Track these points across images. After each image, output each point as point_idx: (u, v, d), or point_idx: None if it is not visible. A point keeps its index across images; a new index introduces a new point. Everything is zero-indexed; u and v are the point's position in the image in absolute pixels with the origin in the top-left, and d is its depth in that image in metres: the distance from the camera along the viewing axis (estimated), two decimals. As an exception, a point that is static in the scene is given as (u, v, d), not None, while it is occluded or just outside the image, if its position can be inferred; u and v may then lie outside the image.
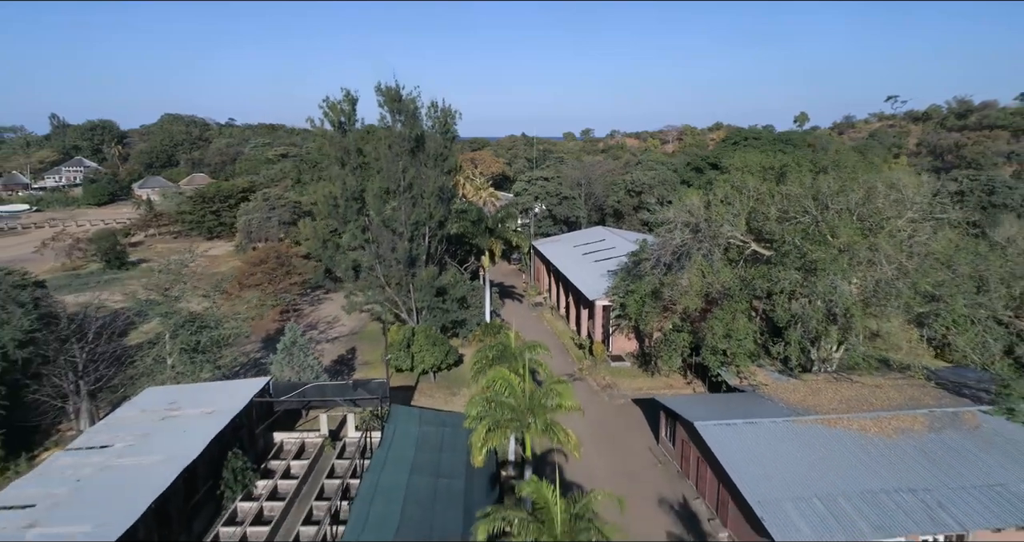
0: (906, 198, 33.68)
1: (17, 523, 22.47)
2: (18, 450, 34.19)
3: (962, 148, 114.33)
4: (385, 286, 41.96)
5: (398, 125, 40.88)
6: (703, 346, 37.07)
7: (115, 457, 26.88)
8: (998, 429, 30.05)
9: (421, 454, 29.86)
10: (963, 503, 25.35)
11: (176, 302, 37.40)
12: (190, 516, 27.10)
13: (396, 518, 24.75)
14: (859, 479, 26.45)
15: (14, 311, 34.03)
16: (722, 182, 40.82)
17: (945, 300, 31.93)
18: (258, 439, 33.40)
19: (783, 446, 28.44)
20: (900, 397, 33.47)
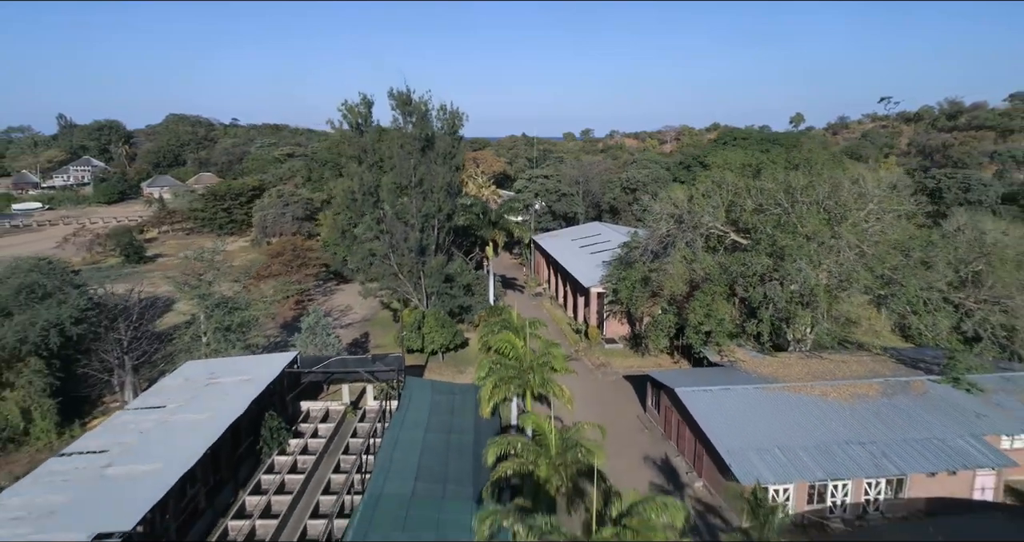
0: (867, 192, 37.89)
1: (96, 463, 26.69)
2: (71, 417, 38.40)
3: (949, 148, 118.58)
4: (398, 273, 46.18)
5: (409, 126, 45.13)
6: (687, 326, 41.26)
7: (169, 414, 31.12)
8: (943, 395, 34.27)
9: (435, 416, 34.06)
10: (904, 453, 29.56)
11: (210, 286, 41.60)
12: (236, 465, 31.32)
13: (415, 465, 28.98)
14: (816, 434, 30.66)
15: (70, 292, 38.29)
16: (704, 178, 45.11)
17: (900, 282, 36.14)
18: (288, 406, 37.59)
19: (752, 408, 32.64)
20: (861, 369, 37.70)
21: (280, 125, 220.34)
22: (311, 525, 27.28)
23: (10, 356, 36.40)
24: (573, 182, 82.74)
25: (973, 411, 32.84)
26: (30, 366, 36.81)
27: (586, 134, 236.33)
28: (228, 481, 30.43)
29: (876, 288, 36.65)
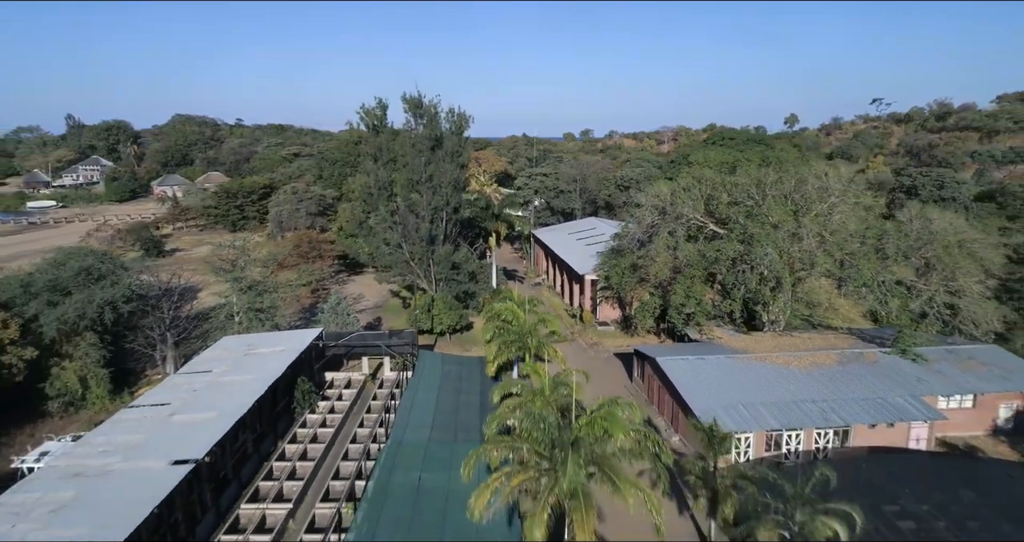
0: (829, 186, 42.98)
1: (162, 413, 31.80)
2: (121, 387, 43.49)
3: (935, 148, 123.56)
4: (409, 260, 51.26)
5: (420, 127, 50.24)
6: (670, 307, 46.35)
7: (217, 377, 36.22)
8: (892, 364, 39.34)
9: (446, 382, 39.16)
10: (850, 408, 34.64)
11: (242, 271, 46.74)
12: (275, 421, 36.43)
13: (430, 419, 34.12)
14: (775, 394, 35.73)
15: (121, 275, 43.43)
16: (685, 174, 50.23)
17: (856, 266, 41.23)
18: (315, 375, 42.65)
19: (722, 374, 37.71)
20: (823, 344, 42.75)
21: (285, 125, 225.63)
22: (343, 466, 32.37)
23: (70, 330, 41.49)
24: (571, 180, 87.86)
25: (915, 376, 37.92)
26: (86, 340, 41.91)
27: (586, 134, 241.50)
28: (269, 433, 35.54)
29: (835, 271, 41.72)
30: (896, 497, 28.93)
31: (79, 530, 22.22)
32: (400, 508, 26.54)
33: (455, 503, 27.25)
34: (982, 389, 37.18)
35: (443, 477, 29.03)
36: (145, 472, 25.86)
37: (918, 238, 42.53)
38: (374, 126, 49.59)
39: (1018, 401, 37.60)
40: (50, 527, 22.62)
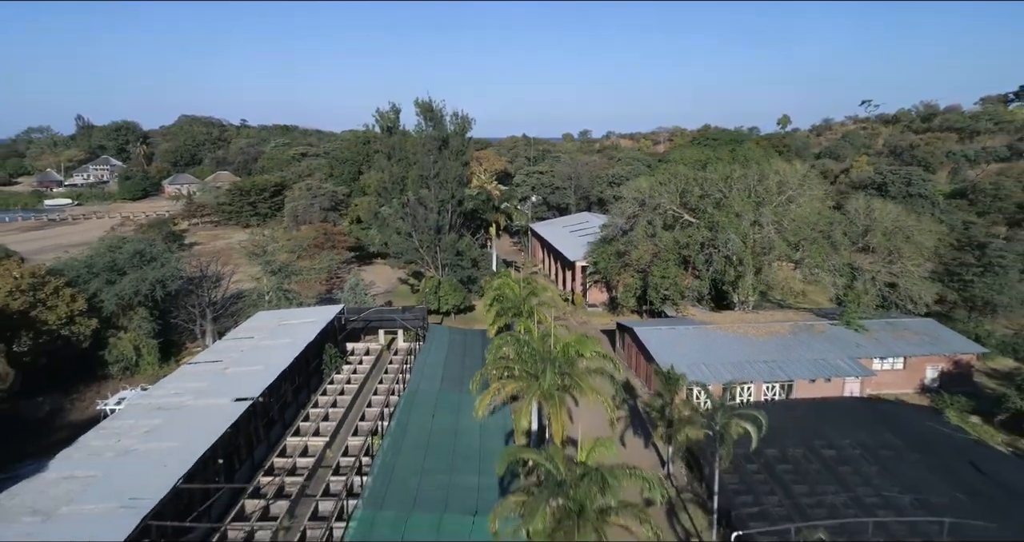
0: (786, 181, 49.66)
1: (217, 367, 38.49)
2: (168, 356, 50.15)
3: (916, 148, 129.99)
4: (418, 248, 57.94)
5: (430, 129, 56.93)
6: (649, 287, 53.01)
7: (258, 342, 42.95)
8: (837, 333, 45.95)
9: (453, 348, 45.89)
10: (794, 367, 41.32)
11: (272, 255, 53.47)
12: (308, 378, 43.13)
13: (440, 374, 40.87)
14: (733, 356, 42.37)
15: (169, 257, 50.15)
16: (662, 170, 56.95)
17: (809, 250, 47.89)
18: (339, 344, 49.31)
19: (688, 340, 44.35)
20: (782, 318, 49.38)
21: (290, 126, 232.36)
22: (367, 412, 39.07)
23: (125, 305, 48.20)
24: (566, 178, 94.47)
25: (855, 343, 44.59)
26: (139, 314, 48.61)
27: (584, 135, 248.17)
28: (304, 387, 42.22)
29: (791, 254, 48.41)
30: (824, 433, 35.57)
31: (170, 444, 28.87)
32: (418, 437, 33.22)
33: (463, 435, 34.04)
34: (911, 353, 43.85)
35: (452, 417, 35.79)
36: (214, 406, 32.54)
37: (862, 225, 49.16)
38: (388, 128, 56.36)
39: (943, 363, 44.23)
40: (148, 443, 29.29)
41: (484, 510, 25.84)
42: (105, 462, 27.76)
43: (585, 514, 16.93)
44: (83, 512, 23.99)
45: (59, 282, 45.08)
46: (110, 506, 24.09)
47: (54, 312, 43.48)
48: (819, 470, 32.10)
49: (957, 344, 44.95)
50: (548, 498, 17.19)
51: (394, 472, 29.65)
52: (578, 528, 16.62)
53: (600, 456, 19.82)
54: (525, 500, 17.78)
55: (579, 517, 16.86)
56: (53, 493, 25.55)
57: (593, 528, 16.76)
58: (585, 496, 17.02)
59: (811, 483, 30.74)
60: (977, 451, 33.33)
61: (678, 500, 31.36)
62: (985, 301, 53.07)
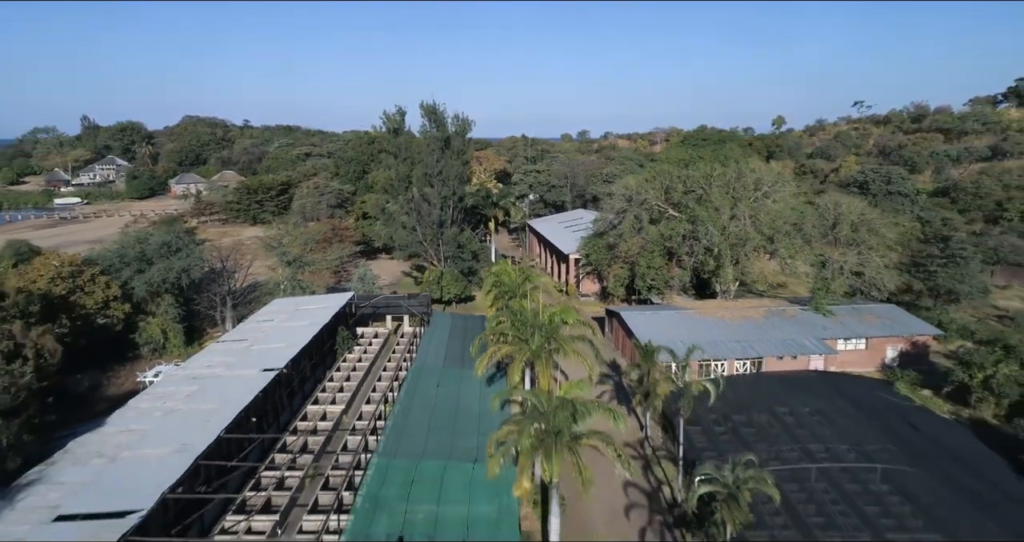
0: (762, 178, 54.20)
1: (243, 345, 43.01)
2: (191, 340, 54.66)
3: (903, 148, 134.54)
4: (422, 241, 62.49)
5: (433, 130, 61.48)
6: (636, 277, 57.53)
7: (278, 324, 47.49)
8: (806, 317, 50.47)
9: (455, 331, 50.39)
10: (764, 345, 45.84)
11: (287, 248, 58.03)
12: (323, 357, 47.66)
13: (444, 352, 45.37)
14: (709, 336, 46.86)
15: (193, 248, 54.70)
16: (648, 169, 61.51)
17: (782, 241, 52.43)
18: (349, 328, 53.85)
19: (669, 323, 48.86)
20: (758, 304, 53.92)
21: (293, 126, 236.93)
22: (378, 385, 43.58)
23: (154, 292, 52.74)
24: (562, 177, 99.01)
25: (822, 326, 49.13)
26: (165, 301, 53.12)
27: (583, 135, 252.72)
28: (320, 364, 46.77)
29: (766, 245, 52.97)
30: (786, 402, 40.10)
31: (209, 405, 33.39)
32: (424, 403, 37.72)
33: (465, 402, 38.55)
34: (873, 334, 48.39)
35: (455, 387, 40.31)
36: (244, 376, 37.08)
37: (831, 219, 53.72)
38: (394, 129, 60.92)
39: (902, 344, 48.75)
40: (189, 404, 33.82)
41: (483, 459, 30.42)
42: (155, 419, 32.31)
43: (561, 435, 21.38)
44: (142, 455, 28.52)
45: (95, 270, 49.66)
46: (165, 451, 28.62)
47: (91, 297, 48.04)
48: (779, 432, 36.62)
49: (915, 327, 49.50)
50: (532, 422, 21.64)
51: (404, 431, 34.16)
52: (555, 446, 21.06)
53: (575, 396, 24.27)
54: (515, 427, 22.25)
55: (556, 437, 21.29)
56: (114, 442, 30.09)
57: (568, 447, 21.21)
58: (561, 421, 21.47)
59: (771, 442, 35.25)
60: (917, 415, 37.90)
61: (653, 457, 35.92)
62: (948, 290, 57.55)
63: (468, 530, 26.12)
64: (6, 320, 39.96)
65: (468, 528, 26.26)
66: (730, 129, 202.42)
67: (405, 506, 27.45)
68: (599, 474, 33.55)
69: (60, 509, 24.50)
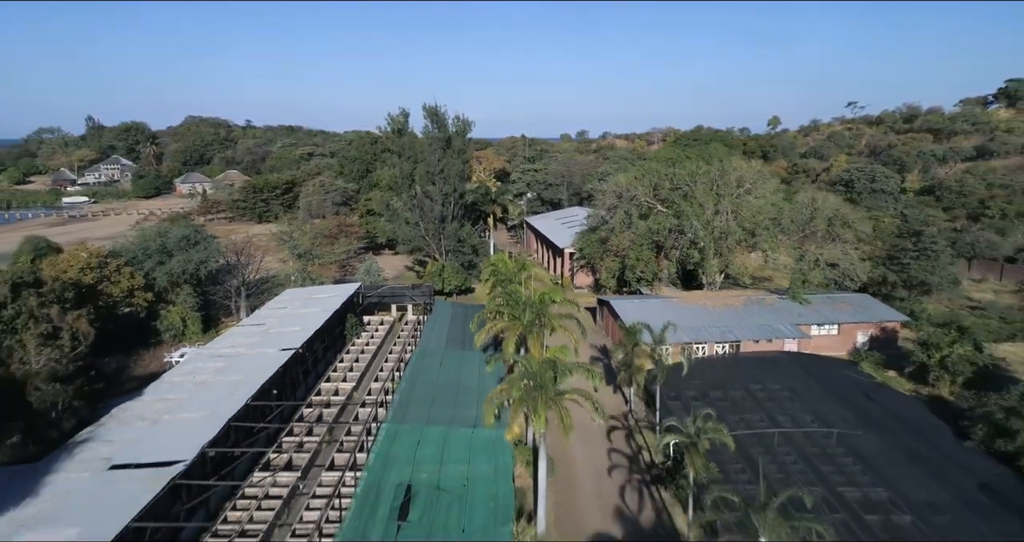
0: (744, 176, 58.05)
1: (262, 329, 46.86)
2: (208, 327, 58.49)
3: (893, 148, 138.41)
4: (425, 235, 66.34)
5: (435, 131, 65.36)
6: (626, 269, 61.35)
7: (292, 311, 51.33)
8: (783, 305, 54.29)
9: (456, 318, 54.26)
10: (742, 330, 49.67)
11: (297, 241, 61.89)
12: (334, 341, 51.50)
13: (445, 336, 49.26)
14: (691, 322, 50.66)
15: (211, 241, 58.56)
16: (638, 167, 65.40)
17: (762, 234, 56.29)
18: (357, 316, 57.70)
19: (655, 309, 52.64)
20: (739, 294, 57.74)
21: (295, 127, 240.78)
22: (385, 365, 47.43)
23: (174, 282, 56.56)
24: (559, 175, 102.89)
25: (798, 312, 52.97)
26: (184, 290, 56.95)
27: (582, 135, 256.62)
28: (331, 347, 50.63)
29: (747, 239, 56.83)
30: (760, 380, 43.92)
31: (235, 377, 37.20)
32: (428, 379, 41.58)
33: (465, 379, 42.40)
34: (845, 320, 52.21)
35: (456, 367, 44.18)
36: (265, 354, 40.92)
37: (808, 214, 57.59)
38: (398, 130, 64.81)
39: (872, 329, 52.56)
40: (217, 377, 37.64)
41: (482, 425, 34.31)
42: (187, 390, 36.17)
43: (546, 390, 25.16)
44: (180, 418, 32.38)
45: (120, 262, 53.51)
46: (200, 415, 32.47)
47: (117, 286, 51.88)
48: (751, 405, 40.47)
49: (885, 314, 53.34)
50: (521, 380, 25.42)
51: (410, 403, 38.03)
52: (541, 398, 24.83)
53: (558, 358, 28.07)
54: (507, 385, 26.06)
55: (542, 391, 25.06)
56: (153, 408, 33.95)
57: (551, 399, 24.99)
58: (546, 379, 25.25)
59: (743, 413, 39.09)
60: (876, 390, 41.79)
61: (636, 427, 39.76)
62: (920, 281, 61.36)
63: (468, 482, 29.97)
64: (45, 305, 43.82)
65: (468, 481, 30.12)
66: (727, 129, 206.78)
67: (412, 463, 31.32)
68: (586, 441, 37.57)
69: (113, 460, 28.34)
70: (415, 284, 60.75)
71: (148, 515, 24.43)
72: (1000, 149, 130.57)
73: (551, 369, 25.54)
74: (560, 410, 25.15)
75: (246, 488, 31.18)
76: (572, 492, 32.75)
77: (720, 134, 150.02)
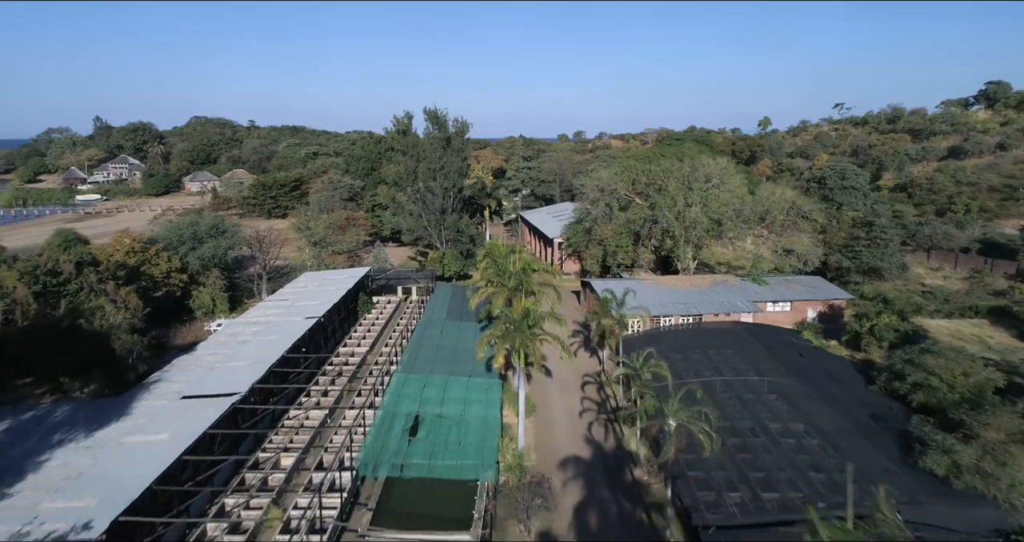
0: (711, 172, 65.92)
1: (286, 302, 54.73)
2: (234, 306, 66.30)
3: (873, 148, 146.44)
4: (427, 226, 74.23)
5: (436, 131, 73.28)
6: (608, 256, 69.19)
7: (311, 290, 59.21)
8: (744, 285, 62.11)
9: (455, 297, 62.10)
10: (704, 305, 57.50)
11: (313, 230, 69.78)
12: (347, 316, 59.38)
13: (446, 312, 57.11)
14: (661, 298, 58.47)
15: (237, 230, 66.45)
16: (617, 165, 73.30)
17: (727, 224, 64.15)
18: (367, 296, 65.55)
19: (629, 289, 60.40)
20: (708, 277, 65.54)
21: (298, 127, 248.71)
22: (393, 335, 55.27)
23: (204, 266, 64.39)
24: (552, 173, 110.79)
25: (755, 291, 60.82)
26: (213, 274, 64.78)
27: (578, 135, 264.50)
28: (345, 321, 58.49)
29: (714, 228, 64.68)
30: (714, 345, 51.71)
31: (271, 338, 44.99)
32: (431, 344, 49.38)
33: (462, 345, 50.16)
34: (796, 298, 60.06)
35: (455, 335, 51.98)
36: (293, 321, 48.74)
37: (767, 205, 65.50)
38: (403, 131, 72.74)
39: (820, 307, 60.38)
40: (255, 338, 45.45)
41: (476, 375, 42.27)
42: (232, 346, 44.02)
43: (523, 331, 32.91)
44: (230, 366, 40.18)
45: (159, 247, 61.35)
46: (246, 363, 40.28)
47: (157, 268, 59.70)
48: (705, 363, 48.24)
49: (832, 293, 61.20)
50: (504, 324, 33.19)
51: (416, 360, 45.82)
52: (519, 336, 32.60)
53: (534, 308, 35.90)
54: (494, 330, 33.84)
55: (519, 332, 32.82)
56: (207, 360, 41.80)
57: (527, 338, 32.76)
58: (523, 323, 33.04)
59: (697, 368, 46.86)
60: (809, 351, 49.68)
61: (606, 381, 47.61)
62: (871, 267, 69.21)
63: (464, 412, 37.78)
64: (102, 280, 51.75)
65: (464, 411, 37.94)
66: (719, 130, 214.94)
67: (419, 400, 39.14)
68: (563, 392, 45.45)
69: (183, 393, 36.17)
70: (418, 269, 68.68)
71: (217, 426, 32.25)
72: (974, 149, 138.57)
73: (528, 316, 33.40)
74: (534, 348, 32.99)
75: (284, 421, 39.00)
76: (549, 427, 40.59)
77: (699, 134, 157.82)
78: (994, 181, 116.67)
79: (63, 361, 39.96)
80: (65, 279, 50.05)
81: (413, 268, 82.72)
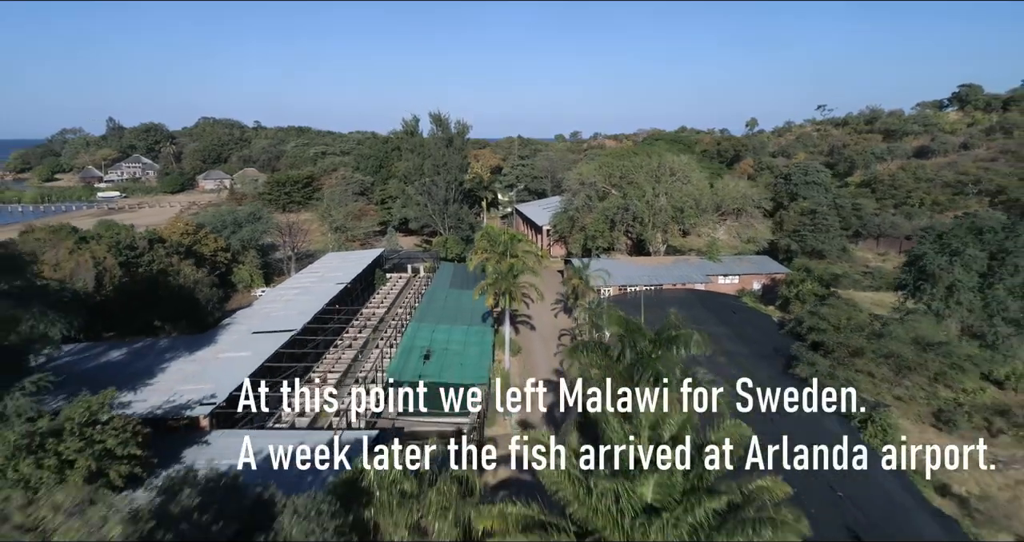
0: (676, 167, 78.55)
1: (316, 274, 67.36)
2: (268, 282, 78.89)
3: (846, 147, 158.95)
4: (432, 215, 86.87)
5: (439, 132, 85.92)
6: (588, 240, 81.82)
7: (336, 264, 71.84)
8: (701, 263, 74.64)
9: (456, 273, 74.75)
10: (665, 277, 70.11)
11: (334, 217, 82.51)
12: (365, 289, 72.03)
13: (448, 283, 69.76)
14: (629, 273, 71.01)
15: (269, 218, 79.20)
16: (598, 161, 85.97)
17: (686, 211, 76.77)
18: (383, 271, 78.14)
19: (602, 265, 72.97)
20: (673, 257, 78.04)
21: (304, 128, 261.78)
22: (404, 301, 67.87)
23: (243, 246, 77.02)
24: (544, 170, 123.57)
25: (710, 267, 73.42)
26: (250, 253, 77.40)
27: (575, 135, 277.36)
28: (364, 293, 71.14)
29: (677, 215, 77.32)
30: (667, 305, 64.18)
31: (310, 297, 57.56)
32: (438, 304, 61.97)
33: (463, 306, 62.71)
34: (743, 272, 72.66)
35: (457, 299, 64.56)
36: (326, 286, 61.34)
37: (722, 196, 78.07)
38: (411, 132, 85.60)
39: (764, 279, 72.93)
40: (298, 296, 58.03)
41: (474, 324, 54.88)
42: (281, 303, 56.65)
43: (508, 280, 45.46)
44: (282, 315, 52.76)
45: (207, 229, 74.00)
46: (294, 312, 52.85)
47: (207, 247, 72.32)
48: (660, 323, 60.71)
49: (774, 268, 73.78)
50: (495, 274, 45.93)
51: (426, 315, 58.38)
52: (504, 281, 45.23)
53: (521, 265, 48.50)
54: (486, 281, 46.57)
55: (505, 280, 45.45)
56: (262, 311, 54.46)
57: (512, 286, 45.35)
58: (508, 274, 45.69)
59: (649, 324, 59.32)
60: (743, 310, 62.26)
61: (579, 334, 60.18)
62: (815, 249, 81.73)
63: (465, 347, 50.34)
64: (168, 255, 64.39)
65: (464, 347, 50.49)
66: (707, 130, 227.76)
67: (430, 340, 51.68)
68: (543, 341, 58.03)
69: (253, 329, 48.74)
70: (425, 250, 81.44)
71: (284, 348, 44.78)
72: (940, 148, 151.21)
73: (511, 269, 46.05)
74: (517, 292, 45.65)
75: (326, 356, 51.61)
76: (530, 360, 53.20)
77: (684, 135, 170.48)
78: (948, 177, 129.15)
79: (153, 311, 52.51)
80: (140, 252, 62.63)
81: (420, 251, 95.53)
